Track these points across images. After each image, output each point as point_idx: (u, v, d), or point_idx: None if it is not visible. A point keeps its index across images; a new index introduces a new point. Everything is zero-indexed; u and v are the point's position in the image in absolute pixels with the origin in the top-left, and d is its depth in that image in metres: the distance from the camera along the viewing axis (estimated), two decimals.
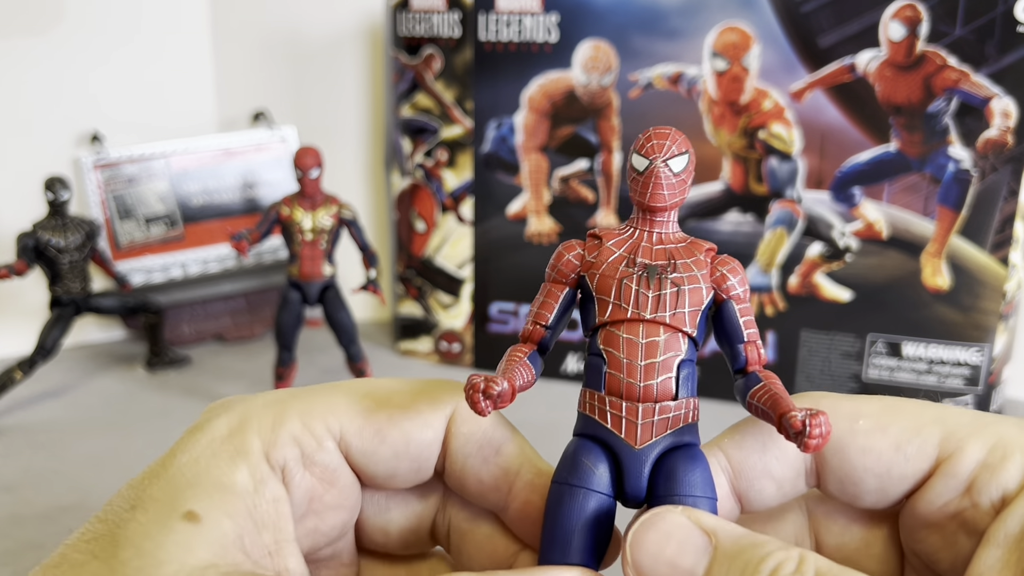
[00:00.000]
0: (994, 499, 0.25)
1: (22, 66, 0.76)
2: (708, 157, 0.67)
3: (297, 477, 0.27)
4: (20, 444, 0.62)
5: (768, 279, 0.68)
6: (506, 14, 0.69)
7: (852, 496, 0.28)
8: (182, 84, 0.84)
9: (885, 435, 0.27)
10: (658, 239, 0.28)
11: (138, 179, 0.80)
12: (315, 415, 0.27)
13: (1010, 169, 0.62)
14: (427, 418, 0.28)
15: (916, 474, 0.27)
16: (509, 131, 0.72)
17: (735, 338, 0.27)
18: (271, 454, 0.26)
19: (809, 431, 0.24)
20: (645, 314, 0.26)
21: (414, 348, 0.80)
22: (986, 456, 0.26)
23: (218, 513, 0.24)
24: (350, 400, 0.28)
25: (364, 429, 0.28)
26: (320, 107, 0.86)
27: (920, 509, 0.27)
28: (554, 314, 0.28)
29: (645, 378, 0.26)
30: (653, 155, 0.27)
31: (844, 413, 0.28)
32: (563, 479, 0.26)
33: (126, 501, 0.25)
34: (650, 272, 0.27)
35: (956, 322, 0.65)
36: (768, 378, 0.27)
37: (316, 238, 0.64)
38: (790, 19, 0.64)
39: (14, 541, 0.50)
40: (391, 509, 0.31)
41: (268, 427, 0.27)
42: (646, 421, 0.26)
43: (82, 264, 0.69)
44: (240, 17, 0.84)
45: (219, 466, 0.25)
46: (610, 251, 0.27)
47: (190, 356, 0.79)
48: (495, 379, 0.25)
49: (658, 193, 0.27)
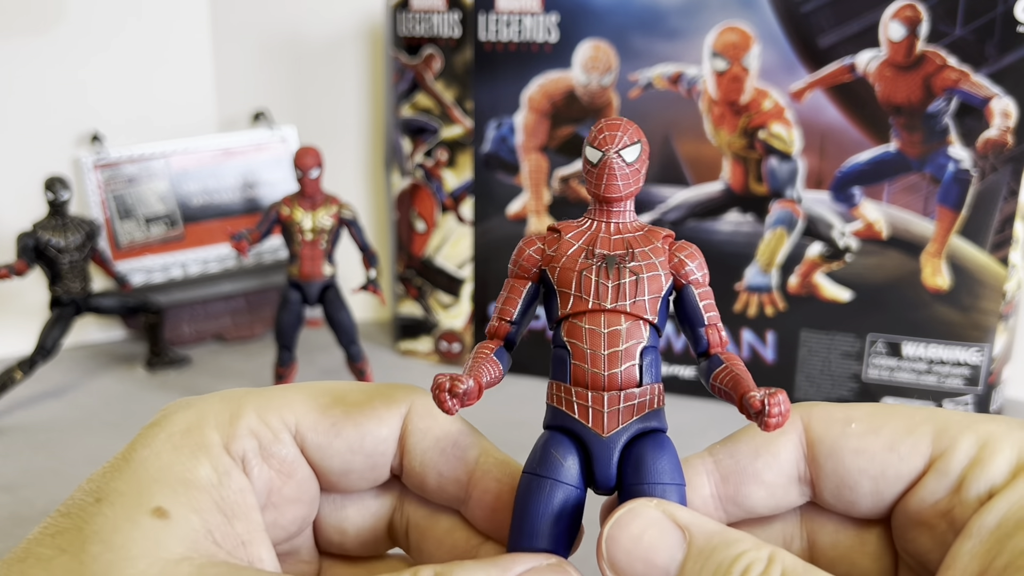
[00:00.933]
0: (981, 494, 0.25)
1: (22, 66, 0.76)
2: (708, 157, 0.67)
3: (256, 469, 0.27)
4: (20, 444, 0.62)
5: (768, 279, 0.68)
6: (506, 14, 0.69)
7: (848, 503, 0.28)
8: (182, 84, 0.84)
9: (878, 436, 0.27)
10: (616, 229, 0.28)
11: (138, 179, 0.80)
12: (271, 409, 0.28)
13: (1010, 169, 0.62)
14: (382, 415, 0.29)
15: (911, 473, 0.27)
16: (509, 131, 0.72)
17: (696, 322, 0.28)
18: (230, 446, 0.27)
19: (768, 409, 0.24)
20: (606, 304, 0.27)
21: (414, 348, 0.80)
22: (976, 452, 0.26)
23: (185, 509, 0.24)
24: (306, 397, 0.29)
25: (319, 423, 0.28)
26: (320, 107, 0.86)
27: (911, 508, 0.27)
28: (518, 309, 0.28)
29: (609, 367, 0.26)
30: (606, 146, 0.27)
31: (837, 418, 0.28)
32: (532, 470, 0.27)
33: (89, 495, 0.25)
34: (608, 262, 0.27)
35: (956, 322, 0.65)
36: (730, 360, 0.27)
37: (316, 238, 0.64)
38: (790, 19, 0.64)
39: (14, 541, 0.50)
40: (347, 507, 0.31)
41: (225, 421, 0.27)
42: (612, 409, 0.26)
43: (82, 264, 0.69)
44: (240, 17, 0.84)
45: (181, 461, 0.25)
46: (569, 244, 0.28)
47: (190, 356, 0.79)
48: (460, 377, 0.25)
49: (613, 184, 0.27)
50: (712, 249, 0.68)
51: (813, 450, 0.28)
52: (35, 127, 0.77)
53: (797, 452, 0.28)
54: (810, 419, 0.28)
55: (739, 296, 0.68)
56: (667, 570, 0.24)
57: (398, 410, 0.29)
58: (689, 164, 0.68)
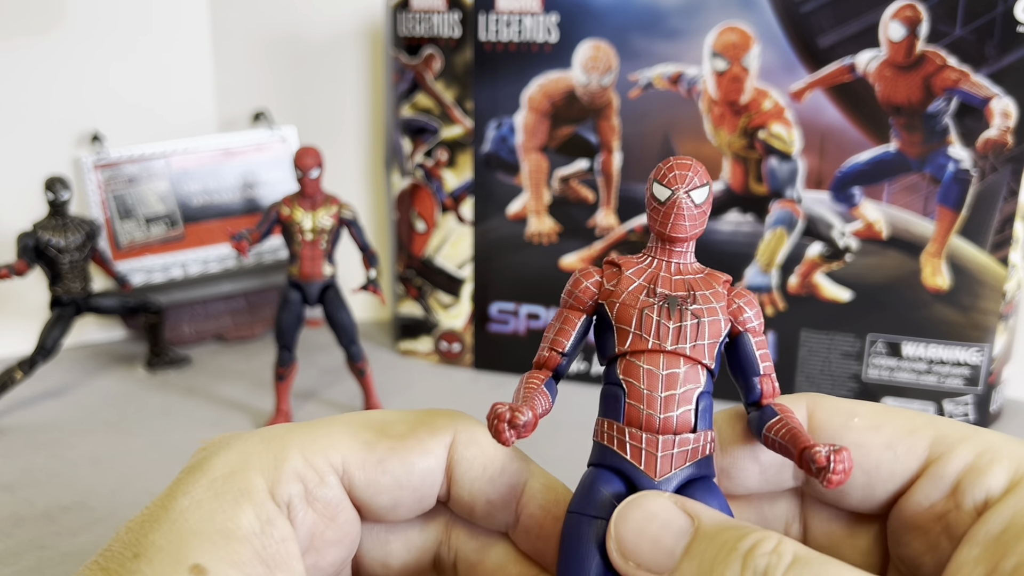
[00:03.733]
0: (977, 502, 0.25)
1: (23, 66, 0.76)
2: (708, 157, 0.67)
3: (300, 514, 0.26)
4: (20, 444, 0.62)
5: (768, 279, 0.68)
6: (506, 14, 0.69)
7: (839, 493, 0.28)
8: (182, 84, 0.84)
9: (878, 433, 0.27)
10: (676, 269, 0.28)
11: (138, 179, 0.80)
12: (316, 450, 0.27)
13: (1010, 169, 0.62)
14: (428, 445, 0.28)
15: (904, 473, 0.27)
16: (509, 131, 0.72)
17: (751, 371, 0.27)
18: (276, 492, 0.26)
19: (833, 467, 0.24)
20: (666, 345, 0.26)
21: (414, 348, 0.80)
22: (973, 460, 0.26)
23: (224, 565, 0.23)
24: (350, 432, 0.28)
25: (367, 461, 0.28)
26: (320, 107, 0.86)
27: (907, 511, 0.27)
28: (571, 341, 0.28)
29: (665, 410, 0.26)
30: (675, 185, 0.27)
31: (841, 410, 0.28)
32: (581, 509, 0.26)
33: (128, 548, 0.24)
34: (671, 303, 0.27)
35: (956, 322, 0.65)
36: (784, 412, 0.27)
37: (316, 238, 0.64)
38: (790, 19, 0.64)
39: (14, 541, 0.50)
40: (391, 542, 0.30)
41: (271, 464, 0.26)
42: (665, 453, 0.26)
43: (82, 264, 0.69)
44: (240, 17, 0.84)
45: (223, 510, 0.25)
46: (630, 280, 0.27)
47: (190, 356, 0.79)
48: (520, 409, 0.25)
49: (680, 224, 0.27)
50: (712, 249, 0.68)
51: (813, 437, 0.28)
52: (35, 127, 0.77)
53: None
54: (816, 407, 0.29)
55: None
56: (673, 552, 0.24)
57: (443, 440, 0.28)
58: None
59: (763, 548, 0.22)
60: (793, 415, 0.27)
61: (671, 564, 0.24)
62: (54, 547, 0.49)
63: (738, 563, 0.22)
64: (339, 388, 0.73)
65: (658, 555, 0.24)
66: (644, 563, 0.24)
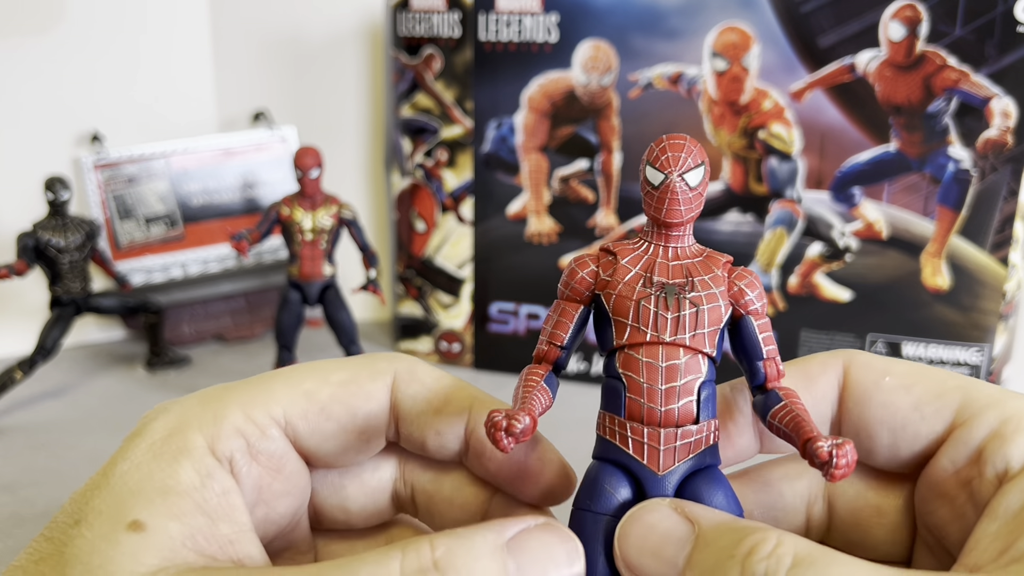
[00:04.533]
0: (999, 470, 0.25)
1: (23, 65, 0.76)
2: (708, 157, 0.67)
3: (244, 468, 0.27)
4: (20, 444, 0.62)
5: (768, 279, 0.68)
6: (506, 14, 0.69)
7: (865, 451, 0.28)
8: (182, 84, 0.84)
9: (908, 393, 0.27)
10: (674, 254, 0.27)
11: (138, 179, 0.80)
12: (256, 404, 0.27)
13: (1010, 169, 0.62)
14: (368, 389, 0.29)
15: (930, 435, 0.27)
16: (509, 131, 0.72)
17: (754, 354, 0.27)
18: (216, 448, 0.26)
19: (836, 461, 0.23)
20: (664, 336, 0.26)
21: (414, 348, 0.80)
22: (998, 426, 0.26)
23: (163, 518, 0.24)
24: (290, 384, 0.28)
25: (308, 411, 0.28)
26: (320, 107, 0.86)
27: (933, 476, 0.27)
28: (569, 334, 0.27)
29: (666, 403, 0.25)
30: (668, 168, 0.26)
31: (876, 367, 0.28)
32: (585, 506, 0.26)
33: (70, 516, 0.24)
34: (668, 292, 0.26)
35: (956, 322, 0.65)
36: (789, 396, 0.26)
37: (316, 238, 0.64)
38: (790, 19, 0.64)
39: (15, 541, 0.50)
40: (346, 487, 0.31)
41: (210, 421, 0.26)
42: (668, 447, 0.25)
43: (82, 264, 0.69)
44: (240, 17, 0.84)
45: (162, 468, 0.25)
46: (626, 269, 0.26)
47: (190, 356, 0.79)
48: (517, 415, 0.24)
49: (675, 209, 0.26)
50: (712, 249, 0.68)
51: (845, 393, 0.28)
52: (35, 127, 0.77)
53: (833, 394, 0.28)
54: (851, 364, 0.29)
55: None
56: (675, 563, 0.24)
57: (383, 381, 0.29)
58: None
59: (761, 552, 0.22)
60: (798, 400, 0.26)
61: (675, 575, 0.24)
62: None
63: (736, 570, 0.22)
64: None
65: (662, 568, 0.24)
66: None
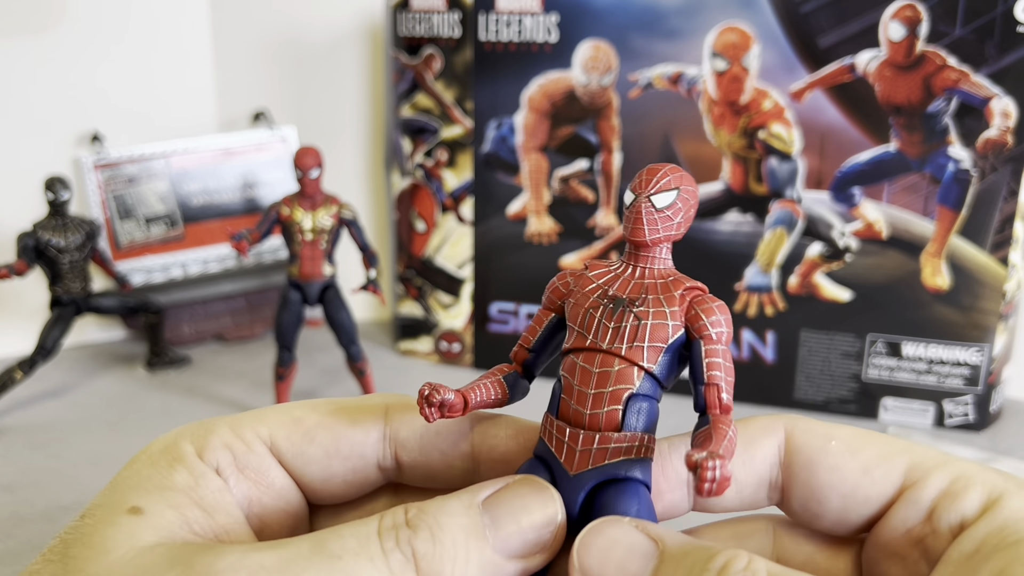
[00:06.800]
0: (952, 524, 0.26)
1: (23, 65, 0.76)
2: (708, 157, 0.67)
3: (232, 480, 0.27)
4: (20, 444, 0.62)
5: (768, 279, 0.68)
6: (506, 14, 0.69)
7: (813, 515, 0.28)
8: (182, 84, 0.84)
9: (855, 457, 0.28)
10: (640, 274, 0.28)
11: (138, 179, 0.80)
12: (244, 424, 0.28)
13: (1010, 169, 0.62)
14: (355, 417, 0.29)
15: (880, 498, 0.27)
16: (509, 131, 0.72)
17: (697, 379, 0.27)
18: (204, 457, 0.27)
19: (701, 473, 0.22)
20: (603, 344, 0.26)
21: (414, 348, 0.80)
22: (948, 485, 0.26)
23: (161, 506, 0.25)
24: (279, 412, 0.29)
25: (293, 433, 0.29)
26: (320, 107, 0.86)
27: (883, 536, 0.27)
28: (537, 338, 0.29)
29: (592, 407, 0.26)
30: (639, 190, 0.27)
31: (818, 433, 0.28)
32: None
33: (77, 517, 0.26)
34: (616, 304, 0.27)
35: (956, 322, 0.65)
36: (716, 422, 0.25)
37: (316, 238, 0.64)
38: (790, 19, 0.64)
39: (14, 541, 0.50)
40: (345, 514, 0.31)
41: (200, 436, 0.28)
42: (584, 448, 0.26)
43: (82, 264, 0.69)
44: (240, 17, 0.84)
45: (158, 472, 0.26)
46: (590, 281, 0.28)
47: (190, 356, 0.79)
48: (439, 388, 0.26)
49: (639, 228, 0.27)
50: (712, 249, 0.68)
51: (790, 459, 0.28)
52: (35, 127, 0.77)
53: (774, 457, 0.29)
54: (793, 428, 0.29)
55: (739, 296, 0.68)
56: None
57: (372, 413, 0.29)
58: (689, 164, 0.68)
59: (735, 567, 0.22)
60: (724, 426, 0.25)
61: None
62: None
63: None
64: (339, 388, 0.73)
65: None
66: None
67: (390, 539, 0.23)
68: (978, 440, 0.65)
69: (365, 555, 0.22)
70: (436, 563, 0.23)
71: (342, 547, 0.22)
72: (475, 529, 0.24)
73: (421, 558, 0.23)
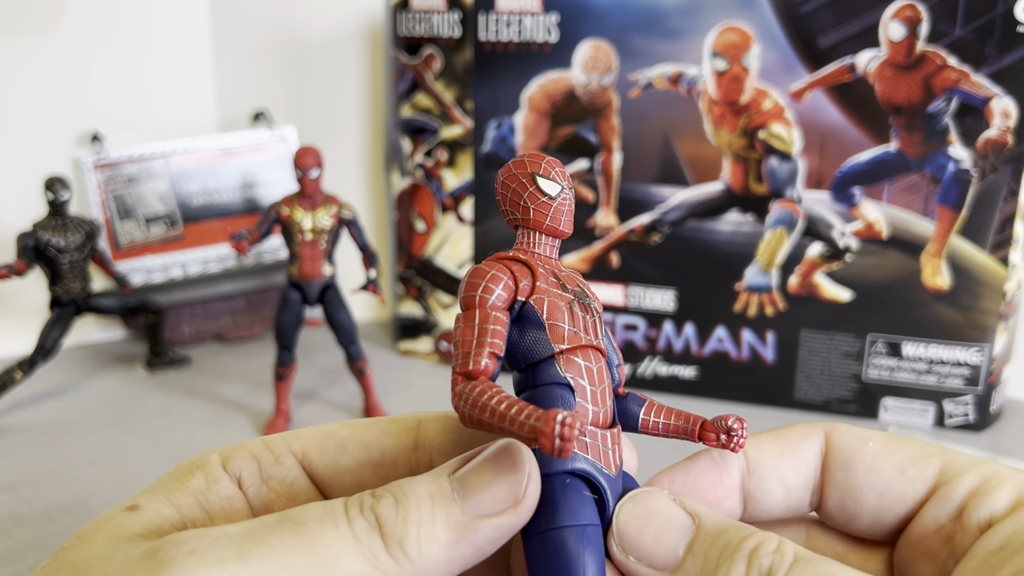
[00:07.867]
0: (981, 521, 0.26)
1: (23, 66, 0.76)
2: (708, 157, 0.67)
3: (252, 489, 0.28)
4: (20, 444, 0.62)
5: (768, 279, 0.68)
6: (506, 14, 0.69)
7: (849, 515, 0.29)
8: (182, 84, 0.84)
9: (891, 457, 0.29)
10: (558, 266, 0.28)
11: (138, 179, 0.80)
12: (277, 439, 0.29)
13: (1010, 169, 0.62)
14: (387, 427, 0.29)
15: (915, 496, 0.28)
16: (509, 131, 0.72)
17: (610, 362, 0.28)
18: (228, 465, 0.27)
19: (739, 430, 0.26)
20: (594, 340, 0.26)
21: (414, 348, 0.80)
22: (979, 484, 0.27)
23: (159, 504, 0.25)
24: (314, 428, 0.30)
25: (325, 446, 0.29)
26: (320, 107, 0.86)
27: (916, 535, 0.28)
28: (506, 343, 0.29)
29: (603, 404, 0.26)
30: (563, 181, 0.27)
31: (856, 435, 0.29)
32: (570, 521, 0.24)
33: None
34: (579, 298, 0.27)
35: (956, 322, 0.65)
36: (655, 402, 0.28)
37: (316, 238, 0.64)
38: (790, 19, 0.64)
39: (14, 541, 0.50)
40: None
41: (231, 448, 0.28)
42: (614, 447, 0.26)
43: (82, 264, 0.69)
44: (240, 17, 0.84)
45: (177, 478, 0.27)
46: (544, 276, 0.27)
47: (190, 356, 0.79)
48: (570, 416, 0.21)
49: (569, 221, 0.28)
50: (712, 249, 0.68)
51: (829, 459, 0.29)
52: (35, 127, 0.77)
53: (817, 459, 0.29)
54: (832, 430, 0.30)
55: (739, 296, 0.68)
56: (675, 549, 0.25)
57: (405, 423, 0.30)
58: (689, 164, 0.68)
59: (767, 548, 0.23)
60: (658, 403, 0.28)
61: (673, 561, 0.25)
62: (54, 547, 0.49)
63: (743, 562, 0.23)
64: (339, 388, 0.73)
65: (660, 551, 0.25)
66: (646, 558, 0.25)
67: (354, 507, 0.23)
68: (978, 440, 0.65)
69: (330, 521, 0.23)
70: (400, 526, 0.23)
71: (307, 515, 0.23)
72: (441, 493, 0.24)
73: (384, 523, 0.23)
